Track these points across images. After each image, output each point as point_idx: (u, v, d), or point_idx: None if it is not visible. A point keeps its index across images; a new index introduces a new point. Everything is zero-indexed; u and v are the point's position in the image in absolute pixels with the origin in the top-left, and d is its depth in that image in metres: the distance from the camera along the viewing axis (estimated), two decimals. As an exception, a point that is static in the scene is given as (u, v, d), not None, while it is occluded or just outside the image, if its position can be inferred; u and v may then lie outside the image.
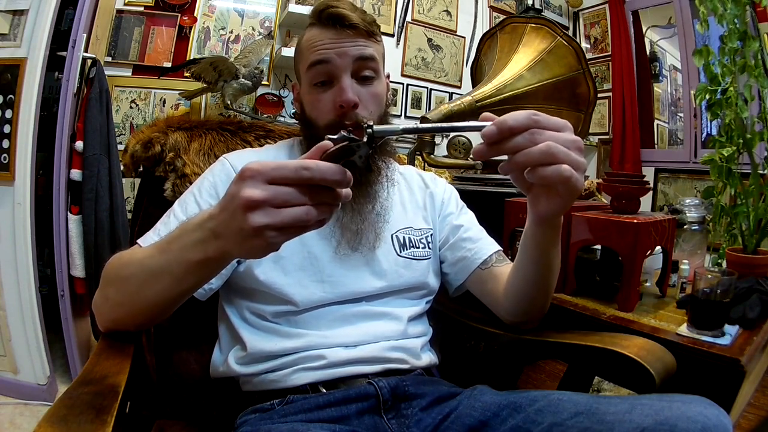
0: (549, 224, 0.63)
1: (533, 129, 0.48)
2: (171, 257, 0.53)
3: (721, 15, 0.98)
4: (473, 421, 0.63)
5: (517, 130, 0.48)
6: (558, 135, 0.49)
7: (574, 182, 0.49)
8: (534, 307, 0.74)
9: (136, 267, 0.58)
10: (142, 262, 0.57)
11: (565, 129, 0.50)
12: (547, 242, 0.65)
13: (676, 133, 2.77)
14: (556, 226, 0.64)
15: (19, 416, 1.50)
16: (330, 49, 0.71)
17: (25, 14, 1.49)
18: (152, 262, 0.55)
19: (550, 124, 0.49)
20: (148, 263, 0.56)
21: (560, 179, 0.48)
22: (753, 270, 0.94)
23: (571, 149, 0.49)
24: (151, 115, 1.98)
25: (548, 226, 0.63)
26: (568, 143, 0.49)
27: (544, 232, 0.64)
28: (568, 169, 0.48)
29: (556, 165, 0.48)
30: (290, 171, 0.42)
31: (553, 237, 0.65)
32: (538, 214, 0.60)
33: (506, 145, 0.48)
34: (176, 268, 0.52)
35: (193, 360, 0.89)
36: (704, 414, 0.47)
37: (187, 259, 0.51)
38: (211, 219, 0.48)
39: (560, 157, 0.48)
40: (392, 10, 2.46)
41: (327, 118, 0.73)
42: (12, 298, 1.53)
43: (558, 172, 0.48)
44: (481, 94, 1.37)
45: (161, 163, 0.93)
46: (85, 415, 0.45)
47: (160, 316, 0.61)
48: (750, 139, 0.99)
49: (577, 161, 0.49)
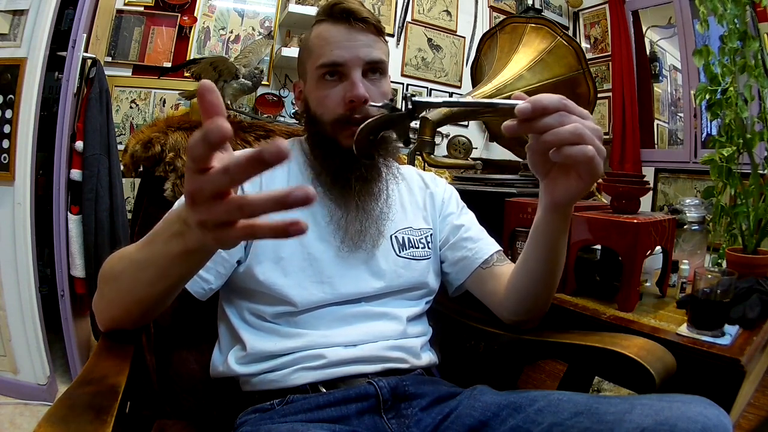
0: (561, 211, 0.63)
1: (563, 111, 0.52)
2: (155, 249, 0.52)
3: (721, 15, 0.98)
4: (473, 421, 0.63)
5: (550, 110, 0.51)
6: (584, 120, 0.53)
7: (596, 164, 0.53)
8: (537, 304, 0.74)
9: (126, 262, 0.58)
10: (131, 257, 0.57)
11: (589, 117, 0.54)
12: (557, 231, 0.65)
13: (676, 133, 2.77)
14: (567, 215, 0.64)
15: (19, 416, 1.50)
16: (342, 48, 0.72)
17: (25, 14, 1.49)
18: (139, 256, 0.55)
19: (577, 110, 0.53)
20: (136, 257, 0.56)
21: (585, 159, 0.52)
22: (753, 270, 0.94)
23: (594, 135, 0.52)
24: (151, 115, 1.98)
25: (560, 213, 0.63)
26: (592, 129, 0.52)
27: (555, 221, 0.64)
28: (591, 149, 0.52)
29: (582, 145, 0.51)
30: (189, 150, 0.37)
31: (563, 226, 0.65)
32: (554, 199, 0.61)
33: (538, 123, 0.52)
34: (161, 260, 0.52)
35: (193, 360, 0.89)
36: (704, 414, 0.47)
37: (168, 250, 0.50)
38: (184, 209, 0.44)
39: (586, 138, 0.51)
40: (392, 10, 2.47)
41: (335, 113, 0.73)
42: (12, 298, 1.53)
43: (583, 151, 0.51)
44: (481, 94, 1.37)
45: (161, 163, 0.93)
46: (85, 415, 0.45)
47: (153, 311, 0.61)
48: (750, 139, 0.99)
49: (599, 146, 0.53)
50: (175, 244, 0.48)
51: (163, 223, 0.52)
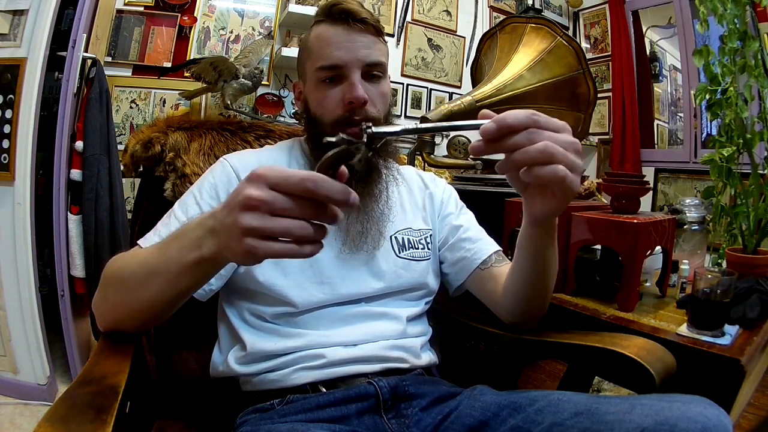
0: (543, 226, 0.63)
1: (532, 128, 0.48)
2: (168, 256, 0.53)
3: (721, 15, 0.98)
4: (473, 421, 0.63)
5: (517, 128, 0.48)
6: (556, 136, 0.49)
7: (569, 183, 0.49)
8: (532, 307, 0.75)
9: (136, 266, 0.58)
10: (141, 261, 0.58)
11: (564, 130, 0.50)
12: (542, 244, 0.65)
13: (676, 133, 2.77)
14: (551, 228, 0.64)
15: (19, 416, 1.50)
16: (341, 49, 0.72)
17: (25, 14, 1.49)
18: (150, 261, 0.56)
19: (549, 125, 0.49)
20: (147, 261, 0.57)
21: (555, 179, 0.48)
22: (753, 270, 0.94)
23: (568, 150, 0.49)
24: (151, 115, 1.98)
25: (543, 228, 0.63)
26: (566, 144, 0.49)
27: (539, 234, 0.64)
28: (563, 169, 0.48)
29: (553, 165, 0.48)
30: (295, 181, 0.41)
31: (548, 239, 0.65)
32: (533, 216, 0.60)
33: (504, 143, 0.48)
34: (172, 266, 0.52)
35: (193, 360, 0.89)
36: (704, 414, 0.47)
37: (182, 258, 0.51)
38: (211, 216, 0.48)
39: (557, 157, 0.48)
40: (392, 10, 2.46)
41: (335, 114, 0.73)
42: (12, 298, 1.53)
43: (554, 172, 0.48)
44: (481, 94, 1.37)
45: (161, 163, 0.93)
46: (85, 415, 0.45)
47: (156, 318, 0.61)
48: (750, 139, 0.99)
49: (573, 162, 0.49)
50: (190, 251, 0.50)
51: (181, 230, 0.53)
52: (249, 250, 0.43)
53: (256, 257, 0.43)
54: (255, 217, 0.42)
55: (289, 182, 0.41)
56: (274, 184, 0.42)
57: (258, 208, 0.42)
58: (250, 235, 0.42)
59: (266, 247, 0.42)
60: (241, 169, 0.75)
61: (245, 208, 0.42)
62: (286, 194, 0.42)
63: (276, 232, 0.42)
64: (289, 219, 0.42)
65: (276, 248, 0.42)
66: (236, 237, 0.43)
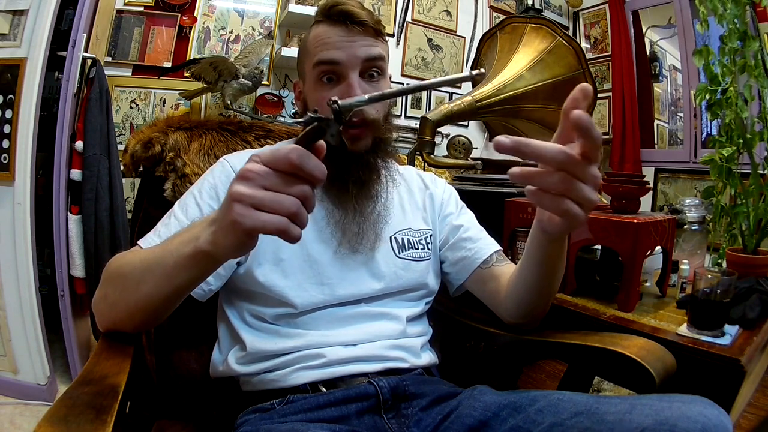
0: (552, 240, 0.62)
1: (564, 173, 0.45)
2: (167, 250, 0.54)
3: (721, 15, 0.98)
4: (473, 421, 0.63)
5: (549, 164, 0.46)
6: (585, 183, 0.46)
7: (573, 216, 0.47)
8: (535, 310, 0.74)
9: (135, 264, 0.59)
10: (142, 259, 0.58)
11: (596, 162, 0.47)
12: (552, 250, 0.64)
13: (676, 133, 2.77)
14: (560, 241, 0.64)
15: (19, 416, 1.50)
16: (339, 48, 0.71)
17: (25, 14, 1.49)
18: (150, 257, 0.57)
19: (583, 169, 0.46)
20: (146, 258, 0.57)
21: (558, 212, 0.48)
22: (753, 270, 0.94)
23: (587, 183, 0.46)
24: (151, 115, 1.98)
25: (552, 242, 0.63)
26: (593, 181, 0.46)
27: (549, 246, 0.64)
28: (569, 203, 0.46)
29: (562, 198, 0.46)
30: (282, 155, 0.44)
31: (558, 247, 0.64)
32: (543, 229, 0.57)
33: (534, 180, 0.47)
34: (169, 261, 0.53)
35: (193, 360, 0.89)
36: (704, 414, 0.47)
37: (179, 251, 0.52)
38: (213, 213, 0.51)
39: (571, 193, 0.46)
40: (392, 10, 2.46)
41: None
42: (12, 298, 1.53)
43: (556, 203, 0.47)
44: (481, 94, 1.37)
45: (161, 163, 0.93)
46: (85, 415, 0.45)
47: (154, 318, 0.61)
48: (750, 139, 0.99)
49: (593, 199, 0.47)
50: (187, 244, 0.51)
51: (186, 228, 0.56)
52: (237, 219, 0.44)
53: (244, 227, 0.44)
54: (246, 185, 0.44)
55: (277, 156, 0.44)
56: (266, 161, 0.45)
57: (250, 179, 0.44)
58: (239, 202, 0.44)
59: (255, 216, 0.44)
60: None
61: (239, 179, 0.45)
62: (277, 171, 0.44)
63: (266, 203, 0.44)
64: (281, 194, 0.44)
65: (264, 218, 0.44)
66: (227, 207, 0.45)
